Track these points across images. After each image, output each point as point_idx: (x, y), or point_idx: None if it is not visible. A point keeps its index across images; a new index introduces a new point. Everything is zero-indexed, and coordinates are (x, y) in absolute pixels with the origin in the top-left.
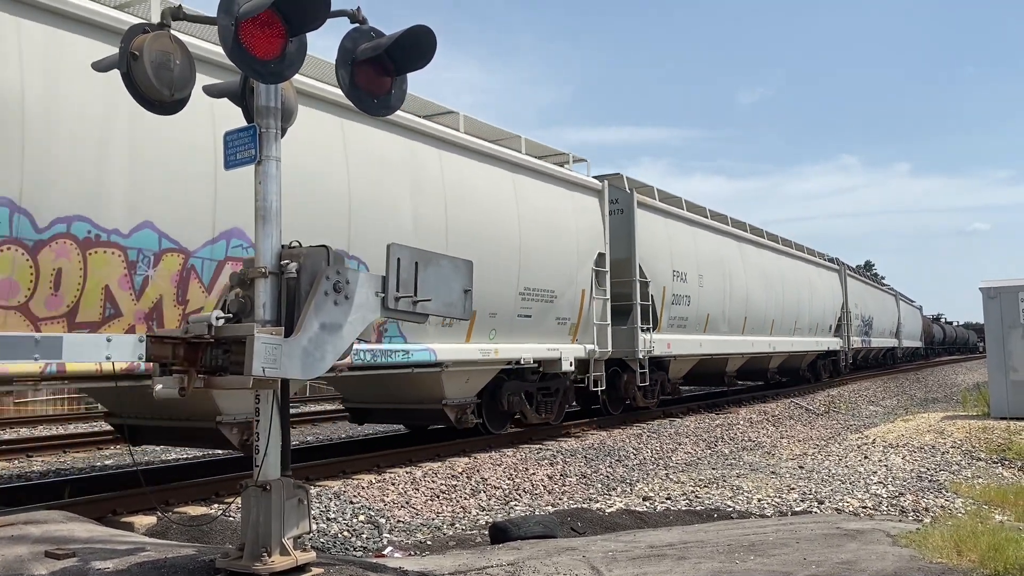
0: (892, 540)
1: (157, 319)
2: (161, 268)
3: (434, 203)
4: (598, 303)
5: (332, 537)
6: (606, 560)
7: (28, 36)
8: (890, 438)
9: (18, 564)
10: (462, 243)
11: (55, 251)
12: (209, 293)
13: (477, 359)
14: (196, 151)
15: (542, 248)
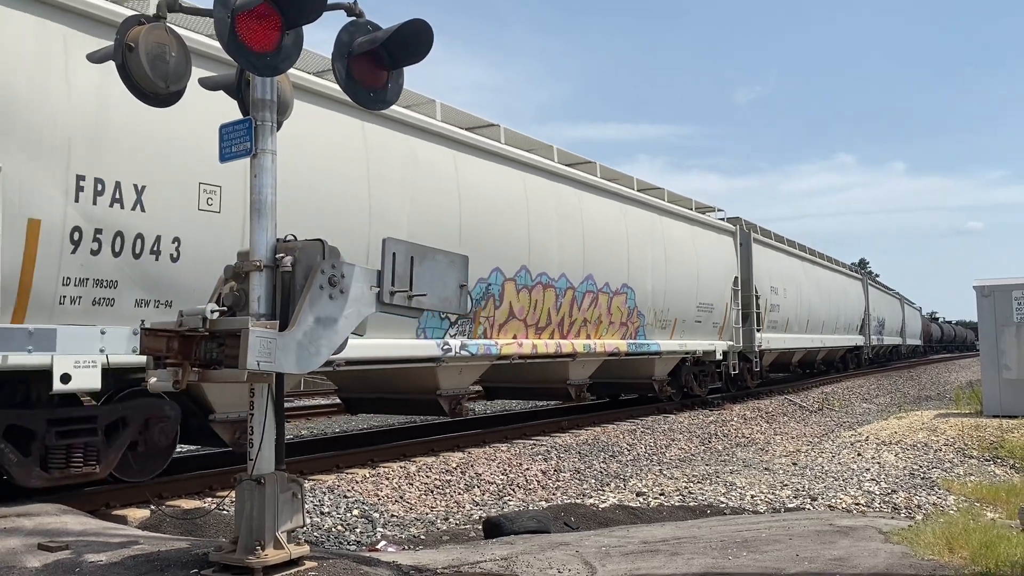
0: (884, 537)
1: None
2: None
3: (589, 229)
4: (733, 312)
5: (326, 531)
6: (599, 555)
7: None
8: (883, 435)
9: (11, 556)
10: (667, 275)
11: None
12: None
13: (675, 350)
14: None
15: (706, 275)
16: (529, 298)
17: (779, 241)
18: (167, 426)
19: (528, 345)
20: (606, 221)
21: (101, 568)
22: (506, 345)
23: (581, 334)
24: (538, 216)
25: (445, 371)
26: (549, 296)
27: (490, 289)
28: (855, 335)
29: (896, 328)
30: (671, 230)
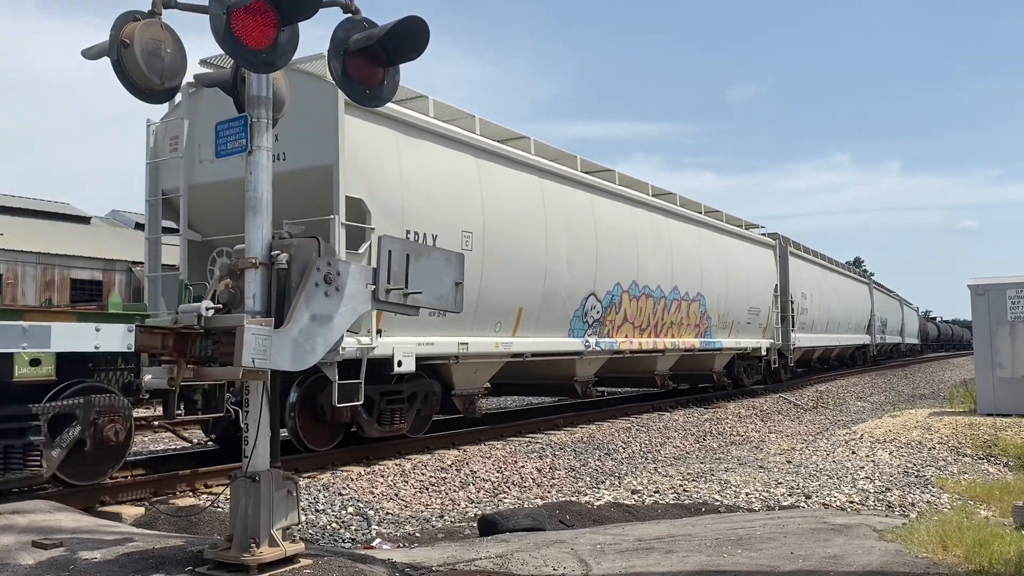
0: (878, 535)
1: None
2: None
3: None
4: (774, 314)
5: (321, 528)
6: (594, 553)
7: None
8: (878, 434)
9: (5, 554)
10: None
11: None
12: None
13: (732, 347)
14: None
15: (755, 283)
16: (637, 305)
17: (807, 252)
18: (435, 400)
19: (636, 343)
20: (686, 241)
21: (95, 565)
22: (622, 342)
23: (668, 334)
24: (642, 240)
25: (581, 363)
26: (649, 303)
27: (613, 299)
28: (863, 334)
29: (897, 328)
30: (729, 246)
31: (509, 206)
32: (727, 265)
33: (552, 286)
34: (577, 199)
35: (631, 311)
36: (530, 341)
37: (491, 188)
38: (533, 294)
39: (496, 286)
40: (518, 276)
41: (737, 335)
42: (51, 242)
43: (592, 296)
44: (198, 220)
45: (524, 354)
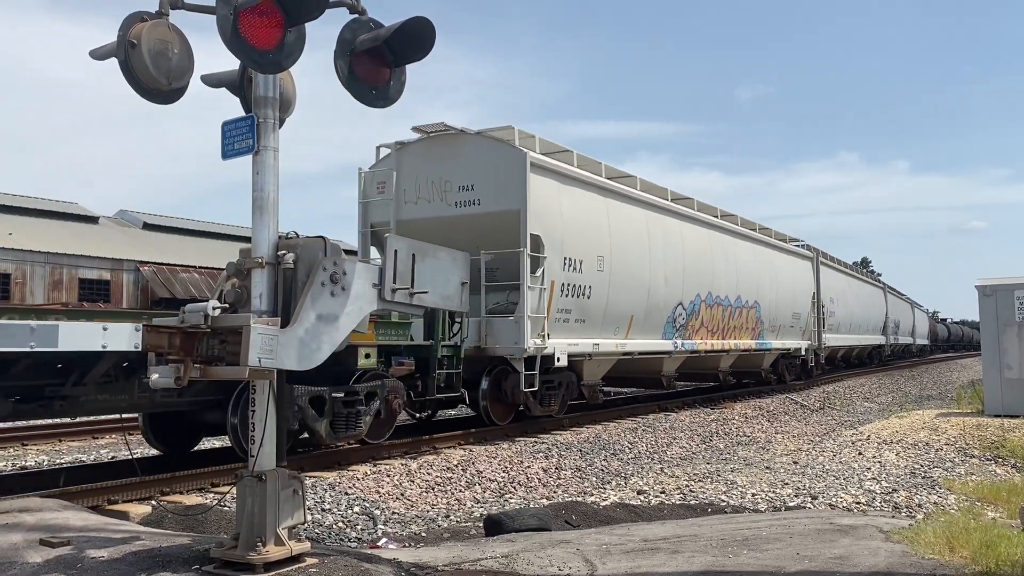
0: (885, 536)
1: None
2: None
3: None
4: (811, 318)
5: (327, 528)
6: (600, 553)
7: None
8: (884, 435)
9: (13, 552)
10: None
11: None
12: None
13: (778, 347)
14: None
15: (797, 292)
16: (711, 312)
17: (834, 262)
18: (573, 388)
19: (709, 344)
20: (746, 257)
21: (103, 564)
22: (699, 343)
23: (732, 336)
24: (715, 257)
25: (669, 360)
26: (719, 311)
27: (694, 307)
28: (879, 335)
29: (908, 329)
30: (778, 260)
31: (625, 234)
32: (777, 276)
33: (653, 298)
34: (669, 225)
35: (707, 317)
36: (637, 342)
37: (614, 221)
38: (640, 305)
39: (617, 299)
40: (631, 290)
41: (782, 337)
42: (59, 242)
43: (679, 305)
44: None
45: (633, 352)
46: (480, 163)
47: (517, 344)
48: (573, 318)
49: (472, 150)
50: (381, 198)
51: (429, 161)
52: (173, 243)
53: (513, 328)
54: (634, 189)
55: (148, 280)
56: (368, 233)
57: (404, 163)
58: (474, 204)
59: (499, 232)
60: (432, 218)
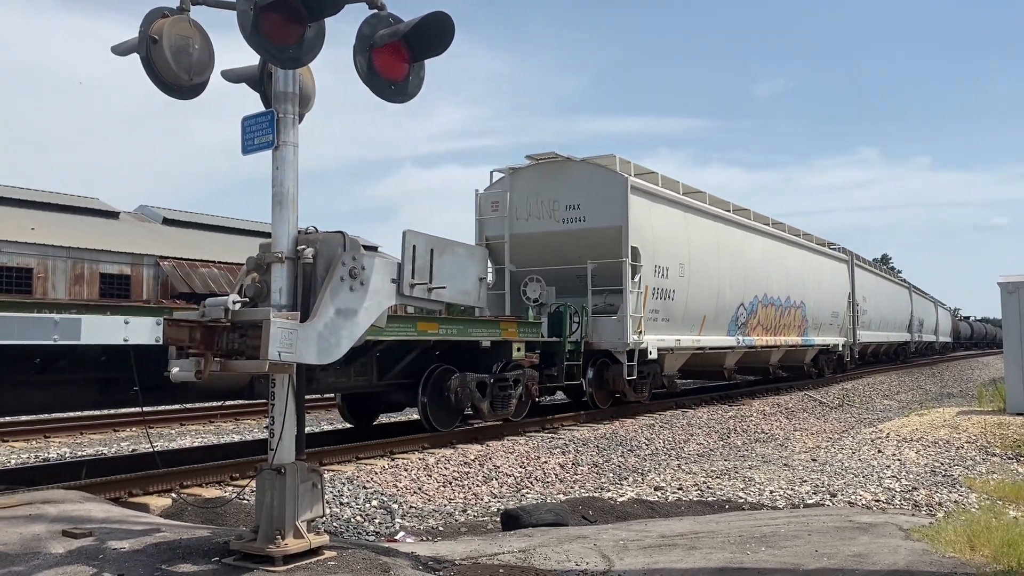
0: (905, 534)
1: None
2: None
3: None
4: (847, 316)
5: (345, 521)
6: (617, 549)
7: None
8: (904, 432)
9: (36, 542)
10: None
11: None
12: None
13: (819, 343)
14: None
15: (835, 292)
16: (765, 312)
17: (865, 263)
18: (657, 378)
19: (763, 340)
20: (794, 261)
21: (124, 555)
22: (756, 340)
23: (782, 333)
24: (769, 262)
25: (731, 355)
26: (772, 310)
27: (753, 308)
28: (905, 333)
29: (932, 327)
30: (819, 263)
31: (700, 244)
32: (819, 278)
33: (721, 300)
34: (733, 235)
35: (762, 316)
36: (709, 338)
37: (691, 233)
38: (711, 305)
39: (694, 300)
40: (704, 293)
41: (823, 334)
42: (81, 237)
43: (741, 305)
44: (515, 258)
45: (705, 347)
46: (585, 185)
47: (620, 339)
48: (660, 317)
49: (578, 174)
50: (495, 215)
51: (539, 183)
52: (193, 238)
53: (616, 326)
54: (704, 203)
55: (168, 275)
56: (484, 245)
57: (516, 185)
58: (580, 221)
59: (602, 245)
60: (541, 233)
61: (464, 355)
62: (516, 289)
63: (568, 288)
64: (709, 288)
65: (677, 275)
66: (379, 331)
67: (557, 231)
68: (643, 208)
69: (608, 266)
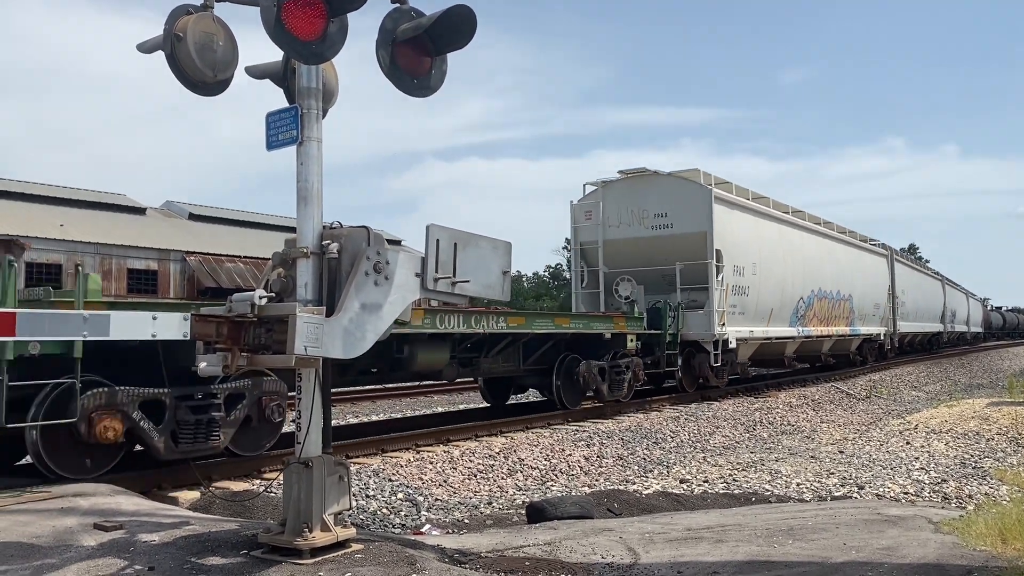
0: (934, 527)
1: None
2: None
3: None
4: (888, 307)
5: (371, 514)
6: (643, 541)
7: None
8: (933, 424)
9: (68, 535)
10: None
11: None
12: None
13: (862, 334)
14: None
15: (877, 285)
16: (820, 304)
17: (904, 257)
18: (734, 366)
19: (818, 331)
20: (843, 257)
21: (154, 548)
22: (812, 330)
23: (833, 324)
24: (823, 259)
25: (791, 344)
26: (826, 303)
27: (810, 301)
28: (937, 323)
29: (964, 318)
30: (864, 258)
31: (767, 245)
32: (864, 272)
33: (784, 294)
34: (792, 235)
35: (817, 308)
36: (775, 329)
37: (760, 235)
38: (777, 299)
39: (763, 295)
40: (771, 289)
41: (867, 324)
42: (108, 233)
43: (800, 299)
44: (607, 261)
45: (772, 338)
46: (672, 196)
47: (708, 331)
48: (737, 311)
49: (665, 186)
50: (589, 223)
51: (629, 195)
52: (219, 233)
53: (703, 319)
54: (769, 208)
55: (194, 270)
56: (578, 250)
57: (608, 196)
58: (667, 227)
59: (687, 248)
60: (631, 238)
61: (585, 345)
62: (608, 288)
63: (654, 286)
64: (775, 284)
65: (750, 273)
66: (529, 325)
67: (646, 236)
68: (723, 215)
69: (693, 267)
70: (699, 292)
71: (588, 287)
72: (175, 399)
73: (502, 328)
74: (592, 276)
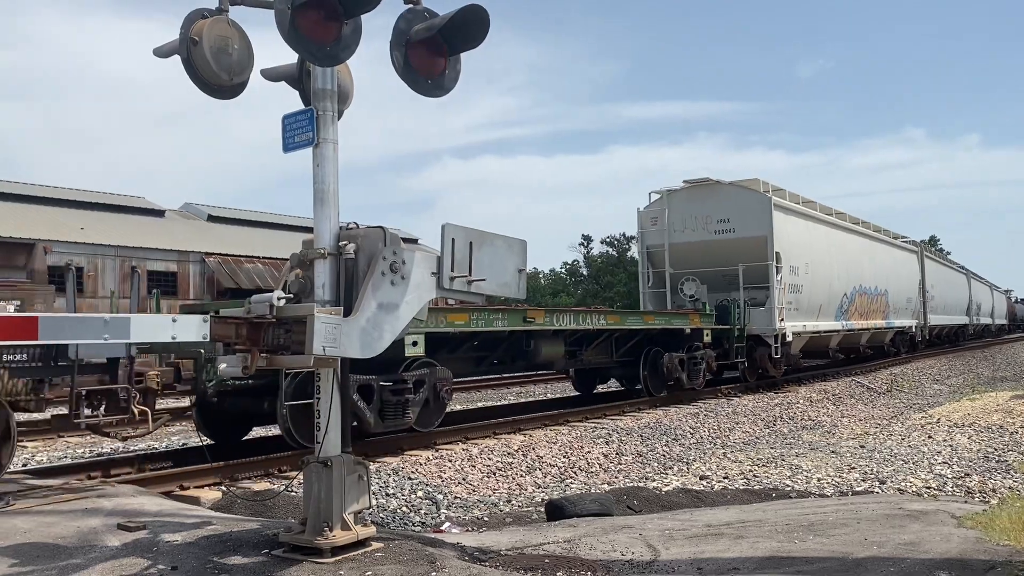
0: (957, 522)
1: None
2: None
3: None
4: (919, 301)
5: (391, 512)
6: (663, 538)
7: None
8: (955, 417)
9: (93, 535)
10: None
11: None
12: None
13: (896, 326)
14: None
15: (909, 280)
16: (861, 299)
17: (931, 252)
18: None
19: (858, 324)
20: (879, 255)
21: (177, 547)
22: (854, 324)
23: (870, 318)
24: (863, 258)
25: (835, 336)
26: (865, 299)
27: (852, 297)
28: (963, 316)
29: (988, 310)
30: (897, 255)
31: (816, 246)
32: (897, 268)
33: (831, 291)
34: (837, 236)
35: (858, 303)
36: (823, 324)
37: (811, 236)
38: (825, 296)
39: (814, 293)
40: (820, 286)
41: (900, 317)
42: (128, 235)
43: (844, 295)
44: (672, 262)
45: (820, 331)
46: (734, 203)
47: (770, 326)
48: (792, 308)
49: (727, 194)
50: (654, 228)
51: (693, 202)
52: (237, 234)
53: (765, 315)
54: (816, 211)
55: (214, 271)
56: (645, 252)
57: (672, 204)
58: (730, 232)
59: (748, 251)
60: (695, 242)
61: (667, 339)
62: (673, 287)
63: (715, 285)
64: (824, 282)
65: (803, 272)
66: (621, 321)
67: (709, 240)
68: (781, 220)
69: (754, 267)
70: (758, 291)
71: (654, 287)
72: (380, 384)
73: (601, 325)
74: (658, 277)
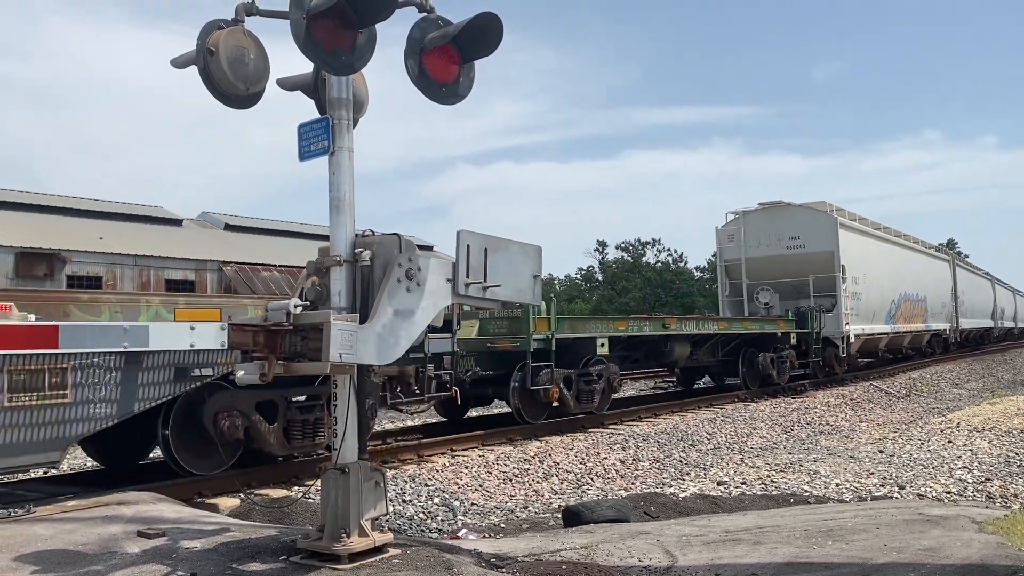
0: (978, 527)
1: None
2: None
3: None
4: (952, 306)
5: (408, 519)
6: (680, 544)
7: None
8: (975, 422)
9: (113, 543)
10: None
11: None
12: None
13: (933, 329)
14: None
15: (943, 286)
16: (906, 305)
17: (961, 261)
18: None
19: (903, 328)
20: (919, 264)
21: (196, 554)
22: (900, 327)
23: (912, 322)
24: (906, 268)
25: (884, 338)
26: (908, 304)
27: (899, 302)
28: (988, 320)
29: (1012, 314)
30: (933, 264)
31: (870, 258)
32: (933, 276)
33: (882, 298)
34: (886, 248)
35: (903, 309)
36: (877, 327)
37: (867, 250)
38: (878, 302)
39: (870, 300)
40: (875, 294)
41: (936, 321)
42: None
43: (892, 302)
44: (749, 275)
45: (874, 334)
46: (803, 223)
47: (838, 329)
48: (852, 313)
49: (798, 214)
50: (731, 245)
51: (766, 221)
52: (254, 243)
53: (834, 319)
54: (868, 227)
55: (231, 279)
56: (723, 266)
57: (748, 223)
58: (800, 247)
59: (816, 264)
60: (769, 256)
61: (760, 342)
62: (749, 296)
63: (786, 295)
64: (877, 290)
65: (862, 282)
66: (728, 327)
67: (782, 255)
68: (844, 236)
69: (823, 278)
70: (825, 298)
71: (731, 296)
72: (576, 375)
73: (715, 330)
74: (734, 287)
